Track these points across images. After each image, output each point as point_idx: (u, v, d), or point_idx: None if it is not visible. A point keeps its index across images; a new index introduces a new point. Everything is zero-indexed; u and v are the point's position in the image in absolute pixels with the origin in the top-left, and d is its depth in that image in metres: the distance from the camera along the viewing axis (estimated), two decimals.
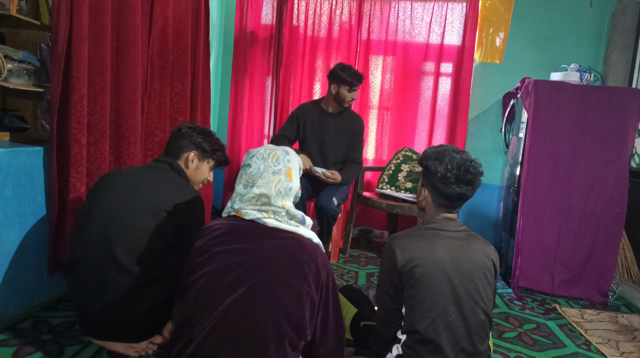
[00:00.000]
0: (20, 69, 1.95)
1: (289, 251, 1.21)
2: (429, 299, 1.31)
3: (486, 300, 1.36)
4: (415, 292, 1.32)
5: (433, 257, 1.33)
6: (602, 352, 2.02)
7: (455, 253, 1.36)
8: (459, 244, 1.39)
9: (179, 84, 2.68)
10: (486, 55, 3.44)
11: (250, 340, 1.11)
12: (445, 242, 1.38)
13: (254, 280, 1.15)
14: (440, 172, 1.38)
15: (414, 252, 1.34)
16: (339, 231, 3.09)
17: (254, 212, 1.27)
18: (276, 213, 1.28)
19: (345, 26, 3.60)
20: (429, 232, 1.41)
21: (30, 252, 1.87)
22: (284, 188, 1.30)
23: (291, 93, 3.73)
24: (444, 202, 1.43)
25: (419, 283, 1.31)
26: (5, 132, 1.97)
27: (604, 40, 3.27)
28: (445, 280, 1.32)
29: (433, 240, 1.38)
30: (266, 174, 1.29)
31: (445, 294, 1.31)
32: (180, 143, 1.80)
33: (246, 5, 3.72)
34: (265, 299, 1.13)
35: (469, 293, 1.33)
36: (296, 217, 1.30)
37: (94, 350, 1.67)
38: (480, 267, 1.36)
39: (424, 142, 3.61)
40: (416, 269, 1.31)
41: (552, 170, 2.61)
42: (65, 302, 2.03)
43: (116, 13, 2.13)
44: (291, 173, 1.32)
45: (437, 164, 1.39)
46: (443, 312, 1.30)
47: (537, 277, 2.66)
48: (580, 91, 2.57)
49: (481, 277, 1.36)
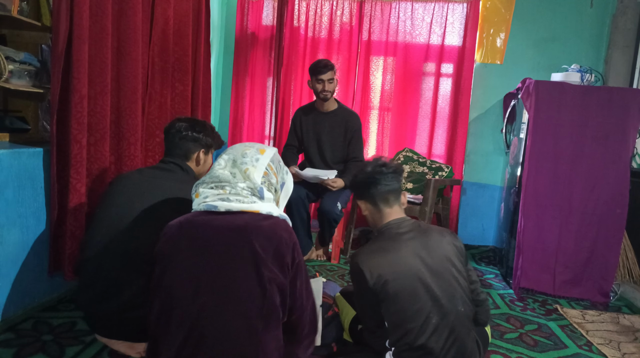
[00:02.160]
0: (21, 70, 1.95)
1: (240, 240, 1.16)
2: (410, 309, 1.33)
3: (461, 290, 1.40)
4: (394, 306, 1.34)
5: (402, 267, 1.37)
6: (603, 353, 2.01)
7: (420, 255, 1.40)
8: (419, 244, 1.44)
9: (180, 84, 2.68)
10: (487, 55, 3.43)
11: (223, 344, 1.09)
12: (407, 248, 1.42)
13: (213, 283, 1.13)
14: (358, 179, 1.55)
15: (382, 268, 1.37)
16: (340, 232, 3.08)
17: (210, 191, 1.24)
18: (233, 187, 1.23)
19: (345, 27, 3.60)
20: (389, 242, 1.46)
21: (31, 253, 1.87)
22: (251, 157, 1.27)
23: (292, 94, 3.74)
24: (380, 198, 1.51)
25: (396, 297, 1.34)
26: (6, 133, 1.97)
27: (605, 40, 3.26)
28: (420, 286, 1.35)
29: (395, 250, 1.42)
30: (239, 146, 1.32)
31: (424, 300, 1.34)
32: (186, 146, 1.83)
33: (247, 6, 3.73)
34: (229, 300, 1.12)
35: (444, 290, 1.37)
36: (255, 189, 1.25)
37: (94, 351, 1.67)
38: (445, 260, 1.42)
39: (425, 143, 3.61)
40: (389, 285, 1.35)
41: (553, 171, 2.61)
42: (66, 302, 2.04)
43: (117, 14, 2.14)
44: (264, 151, 1.30)
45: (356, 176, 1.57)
46: (427, 317, 1.33)
47: (538, 278, 2.66)
48: (581, 91, 2.57)
49: (450, 270, 1.41)
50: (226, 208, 1.20)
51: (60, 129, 1.89)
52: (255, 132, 3.84)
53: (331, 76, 2.79)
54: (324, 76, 2.77)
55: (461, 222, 3.60)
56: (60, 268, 1.96)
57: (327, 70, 2.77)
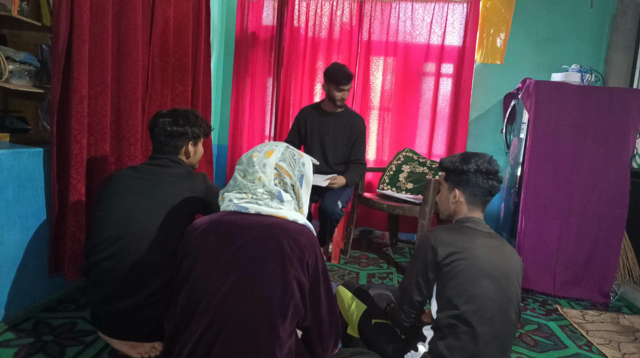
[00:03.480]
0: (21, 70, 1.95)
1: (270, 238, 1.19)
2: (469, 292, 1.30)
3: (517, 300, 1.37)
4: (455, 282, 1.31)
5: (474, 251, 1.34)
6: (603, 353, 2.01)
7: (493, 252, 1.37)
8: (495, 244, 1.40)
9: (180, 85, 2.68)
10: (487, 55, 3.44)
11: (242, 335, 1.11)
12: (483, 240, 1.39)
13: (238, 275, 1.15)
14: (473, 168, 1.45)
15: (455, 245, 1.35)
16: (340, 232, 3.08)
17: (234, 194, 1.29)
18: (254, 193, 1.28)
19: (346, 27, 3.60)
20: (466, 228, 1.43)
21: (31, 253, 1.87)
22: (258, 163, 1.30)
23: (292, 94, 3.74)
24: (478, 198, 1.47)
25: (460, 275, 1.31)
26: (6, 133, 1.97)
27: (605, 40, 3.26)
28: (485, 276, 1.32)
29: (472, 236, 1.40)
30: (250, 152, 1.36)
31: (485, 289, 1.31)
32: (172, 142, 1.79)
33: (247, 6, 3.73)
34: (252, 293, 1.14)
35: (505, 292, 1.33)
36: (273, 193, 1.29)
37: (95, 352, 1.67)
38: (514, 269, 1.39)
39: (425, 143, 3.61)
40: (458, 262, 1.32)
41: (553, 171, 2.61)
42: (66, 302, 2.04)
43: (117, 14, 2.14)
44: (272, 153, 1.33)
45: (465, 163, 1.47)
46: (483, 306, 1.30)
47: (538, 278, 2.66)
48: (581, 92, 2.57)
49: (515, 279, 1.37)
50: (256, 211, 1.26)
51: (61, 129, 1.89)
52: (255, 132, 3.84)
53: (350, 86, 2.83)
54: (345, 87, 2.81)
55: None
56: (60, 268, 1.96)
57: (349, 81, 2.80)
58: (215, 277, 1.16)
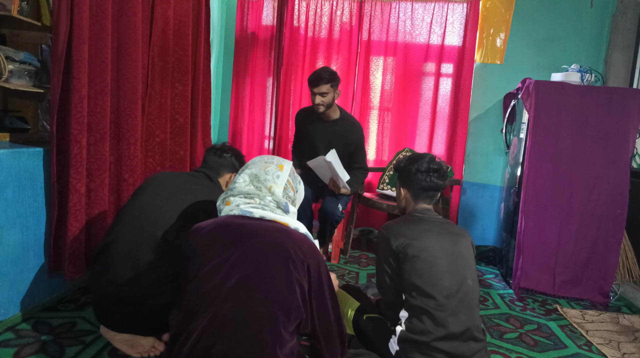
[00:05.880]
0: (21, 70, 1.95)
1: (276, 240, 1.24)
2: (424, 270, 1.48)
3: (473, 268, 1.56)
4: (410, 266, 1.49)
5: (422, 235, 1.54)
6: (603, 353, 2.02)
7: (441, 233, 1.57)
8: (442, 225, 1.62)
9: (180, 84, 2.68)
10: (487, 55, 3.43)
11: (245, 329, 1.13)
12: (430, 225, 1.60)
13: (245, 272, 1.18)
14: (415, 168, 1.66)
15: (405, 233, 1.55)
16: (340, 232, 3.09)
17: (241, 200, 1.34)
18: (262, 199, 1.34)
19: (345, 27, 3.60)
20: (415, 218, 1.64)
21: (31, 253, 1.87)
22: (272, 174, 1.39)
23: (292, 94, 3.74)
24: (422, 193, 1.67)
25: (416, 259, 1.49)
26: (6, 132, 1.97)
27: (605, 40, 3.26)
28: (437, 253, 1.50)
29: (420, 223, 1.61)
30: (260, 162, 1.42)
31: (438, 266, 1.49)
32: (221, 162, 1.99)
33: (247, 6, 3.73)
34: (257, 289, 1.17)
35: (456, 263, 1.52)
36: (280, 204, 1.37)
37: (94, 351, 1.67)
38: (463, 241, 1.59)
39: (425, 143, 3.61)
40: (409, 248, 1.50)
41: (553, 171, 2.61)
42: (66, 302, 2.04)
43: (117, 14, 2.14)
44: (282, 167, 1.42)
45: (409, 164, 1.69)
46: (439, 279, 1.47)
47: (538, 278, 2.66)
48: (581, 92, 2.57)
49: (465, 250, 1.57)
50: (261, 215, 1.30)
51: (60, 129, 1.89)
52: (255, 132, 3.84)
53: (325, 90, 2.59)
54: (315, 89, 2.60)
55: (461, 222, 3.61)
56: (60, 268, 1.96)
57: (318, 83, 2.57)
58: (222, 274, 1.19)
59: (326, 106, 2.68)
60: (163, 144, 2.55)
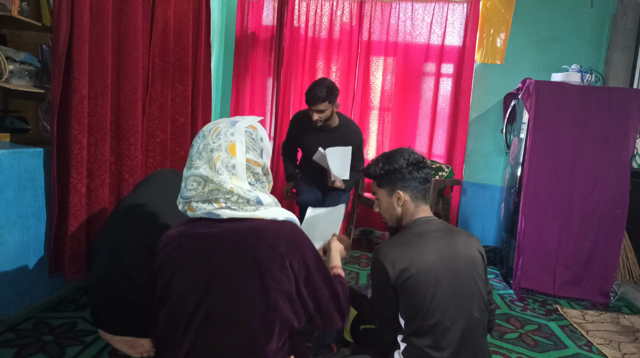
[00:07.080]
0: (21, 70, 1.95)
1: (244, 249, 1.09)
2: (425, 307, 1.31)
3: (479, 296, 1.37)
4: (410, 302, 1.32)
5: (424, 263, 1.34)
6: (603, 353, 2.01)
7: (444, 255, 1.37)
8: (445, 244, 1.39)
9: (180, 85, 2.68)
10: (487, 55, 3.43)
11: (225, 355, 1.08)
12: (432, 244, 1.38)
13: (214, 298, 1.08)
14: (404, 163, 1.45)
15: (404, 262, 1.34)
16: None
17: (205, 205, 1.13)
18: (228, 201, 1.11)
19: (346, 27, 3.60)
20: (415, 237, 1.41)
21: (31, 253, 1.87)
22: (225, 166, 1.10)
23: (292, 94, 3.74)
24: (419, 190, 1.46)
25: (414, 292, 1.32)
26: (6, 133, 1.97)
27: (605, 40, 3.26)
28: (440, 285, 1.32)
29: (420, 245, 1.38)
30: (205, 152, 1.12)
31: (440, 299, 1.32)
32: None
33: (247, 6, 3.73)
34: (229, 318, 1.08)
35: (462, 294, 1.34)
36: (250, 201, 1.13)
37: (95, 352, 1.67)
38: (469, 264, 1.38)
39: (425, 143, 3.61)
40: (409, 280, 1.32)
41: (553, 171, 2.61)
42: (66, 302, 2.04)
43: (117, 14, 2.14)
44: (234, 147, 1.12)
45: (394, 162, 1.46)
46: (441, 318, 1.31)
47: (538, 278, 2.66)
48: (581, 92, 2.57)
49: (472, 274, 1.38)
50: (229, 216, 1.11)
51: (61, 129, 1.89)
52: None
53: (323, 107, 2.52)
54: (314, 107, 2.53)
55: (461, 222, 3.60)
56: (60, 268, 1.96)
57: (315, 102, 2.50)
58: (192, 300, 1.09)
59: (323, 121, 2.62)
60: (163, 144, 2.55)
